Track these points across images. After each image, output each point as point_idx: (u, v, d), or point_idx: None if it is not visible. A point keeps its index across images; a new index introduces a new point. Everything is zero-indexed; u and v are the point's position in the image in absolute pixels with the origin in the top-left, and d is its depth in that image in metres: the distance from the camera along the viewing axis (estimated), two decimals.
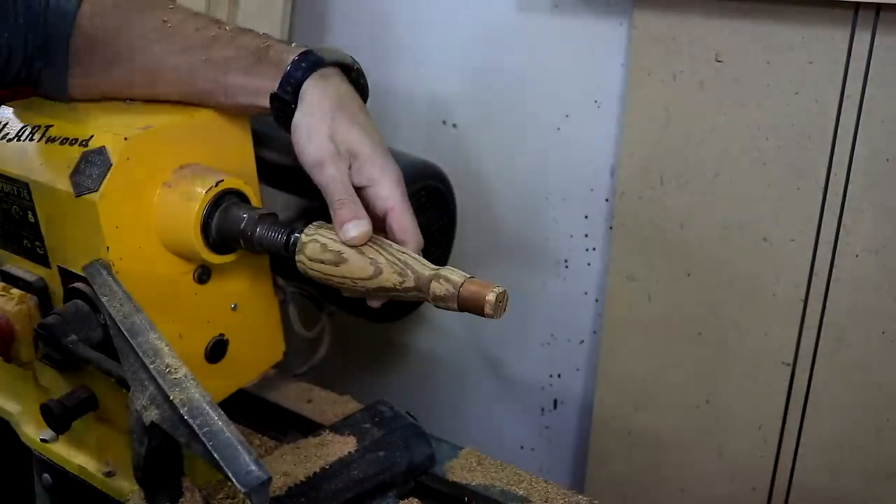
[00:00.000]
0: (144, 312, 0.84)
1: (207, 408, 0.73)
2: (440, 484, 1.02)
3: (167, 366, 0.78)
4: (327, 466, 0.95)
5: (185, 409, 0.73)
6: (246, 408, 1.15)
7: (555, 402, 1.65)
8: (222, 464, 0.68)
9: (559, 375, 1.61)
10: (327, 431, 1.00)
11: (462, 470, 1.05)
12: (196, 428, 0.71)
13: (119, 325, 0.82)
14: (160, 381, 0.76)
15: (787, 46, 1.18)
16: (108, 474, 1.05)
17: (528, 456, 1.70)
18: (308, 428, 1.07)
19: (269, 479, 0.68)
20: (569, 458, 1.67)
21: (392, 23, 1.60)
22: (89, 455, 1.07)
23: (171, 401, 0.74)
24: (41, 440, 1.10)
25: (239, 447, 0.69)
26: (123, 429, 1.02)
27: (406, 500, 0.97)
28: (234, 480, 0.68)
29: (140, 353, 0.79)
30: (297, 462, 0.95)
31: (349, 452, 0.96)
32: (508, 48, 1.48)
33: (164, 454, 0.81)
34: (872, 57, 1.13)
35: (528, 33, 1.44)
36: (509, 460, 1.07)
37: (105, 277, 0.88)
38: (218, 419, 0.72)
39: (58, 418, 0.95)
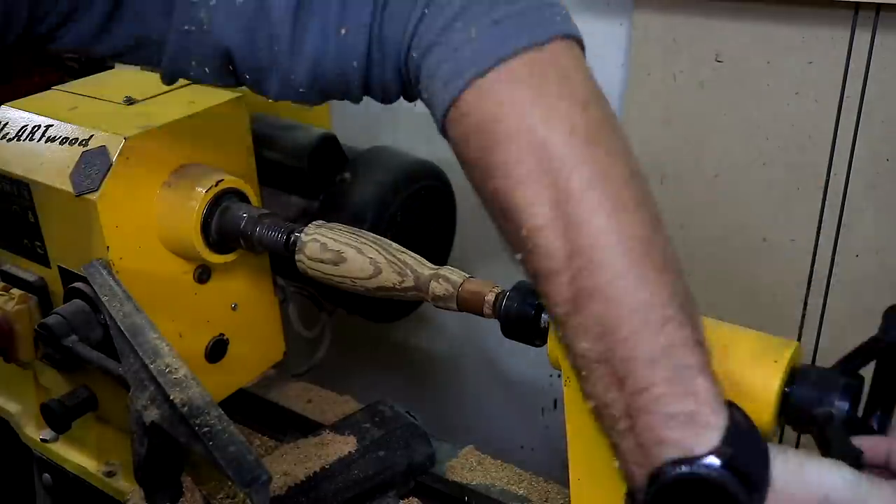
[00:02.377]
0: (144, 312, 0.84)
1: (208, 408, 0.73)
2: (440, 483, 1.02)
3: (167, 365, 0.78)
4: (327, 466, 0.95)
5: (186, 408, 0.73)
6: (246, 407, 1.15)
7: (555, 402, 1.65)
8: (223, 463, 0.69)
9: (559, 375, 1.61)
10: (327, 431, 1.01)
11: (462, 470, 1.05)
12: (196, 428, 0.71)
13: (119, 324, 0.82)
14: (160, 380, 0.76)
15: (787, 47, 1.18)
16: (108, 474, 1.05)
17: (528, 456, 1.70)
18: (308, 428, 1.08)
19: (270, 478, 0.68)
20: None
21: None
22: (89, 455, 1.07)
23: (172, 401, 0.74)
24: (41, 440, 1.10)
25: (239, 447, 0.70)
26: (123, 429, 1.02)
27: (406, 500, 0.97)
28: (234, 480, 0.68)
29: (140, 353, 0.79)
30: (297, 462, 0.95)
31: (349, 452, 0.97)
32: None
33: (164, 454, 0.81)
34: (872, 57, 1.13)
35: None
36: (509, 460, 1.07)
37: (105, 277, 0.88)
38: (218, 419, 0.72)
39: (58, 418, 0.96)
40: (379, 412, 1.02)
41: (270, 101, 0.73)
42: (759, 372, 0.60)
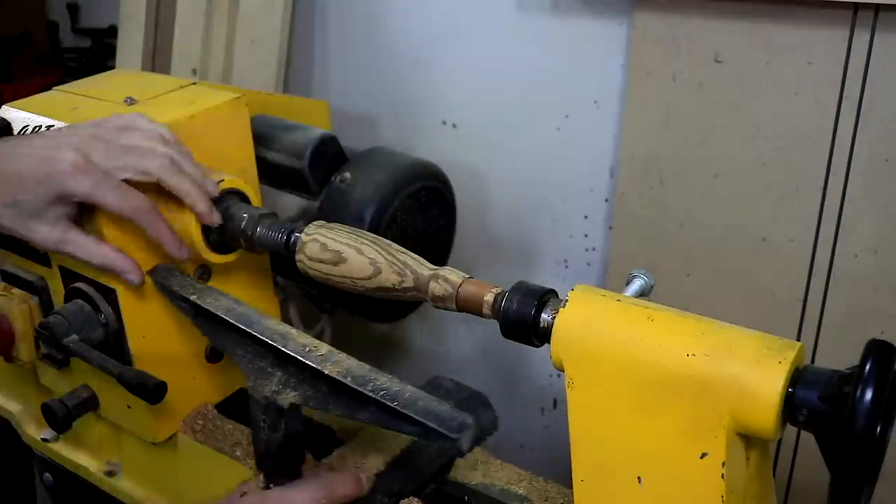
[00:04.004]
0: (245, 303, 0.86)
1: (372, 374, 0.74)
2: (440, 482, 1.02)
3: (305, 345, 0.79)
4: (416, 440, 0.97)
5: (349, 379, 0.74)
6: (246, 408, 1.14)
7: (555, 401, 1.65)
8: (419, 418, 0.69)
9: (559, 375, 1.62)
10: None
11: (463, 469, 1.05)
12: (371, 393, 0.72)
13: (224, 318, 0.84)
14: (304, 360, 0.77)
15: (787, 47, 1.18)
16: (109, 473, 1.05)
17: (528, 456, 1.70)
18: (308, 427, 1.07)
19: (474, 421, 0.68)
20: (569, 457, 1.67)
21: (392, 23, 1.60)
22: (90, 454, 1.07)
23: (322, 376, 0.75)
24: (42, 439, 1.10)
25: (426, 400, 0.70)
26: (124, 428, 1.02)
27: (406, 500, 0.98)
28: (435, 433, 0.68)
29: (266, 339, 0.80)
30: (384, 439, 0.98)
31: None
32: (508, 48, 1.48)
33: (297, 437, 0.82)
34: (871, 57, 1.13)
35: (528, 33, 1.44)
36: (509, 460, 1.07)
37: (184, 278, 0.90)
38: (389, 381, 0.73)
39: (59, 418, 0.96)
40: (440, 385, 1.04)
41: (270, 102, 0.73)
42: (762, 373, 0.61)
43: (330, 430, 1.11)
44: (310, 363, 0.77)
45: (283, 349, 0.78)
